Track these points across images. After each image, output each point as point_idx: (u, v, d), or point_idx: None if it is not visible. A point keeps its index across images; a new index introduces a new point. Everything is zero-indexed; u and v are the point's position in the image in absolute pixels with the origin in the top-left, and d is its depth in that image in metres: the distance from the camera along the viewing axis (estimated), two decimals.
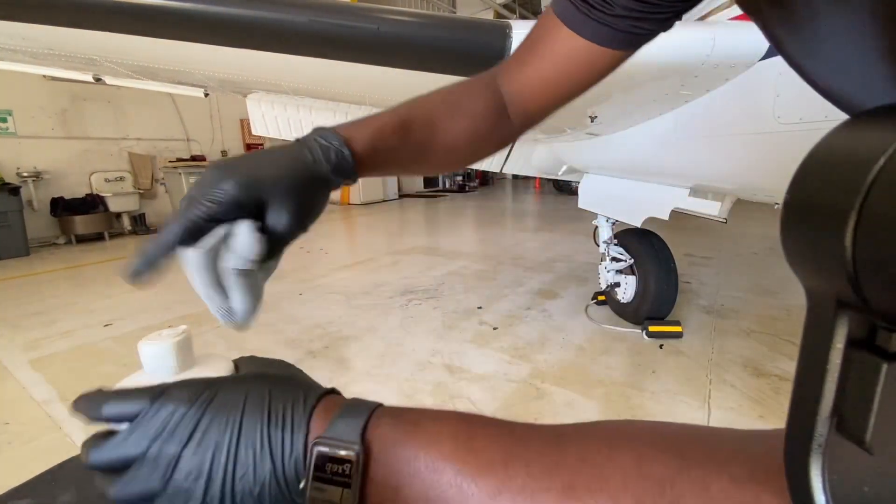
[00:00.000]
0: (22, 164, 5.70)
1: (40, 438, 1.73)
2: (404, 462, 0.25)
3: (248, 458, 0.25)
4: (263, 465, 0.25)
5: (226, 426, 0.26)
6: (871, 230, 0.14)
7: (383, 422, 0.27)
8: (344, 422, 0.27)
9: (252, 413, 0.27)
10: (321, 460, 0.25)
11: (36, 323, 2.99)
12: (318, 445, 0.26)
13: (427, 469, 0.25)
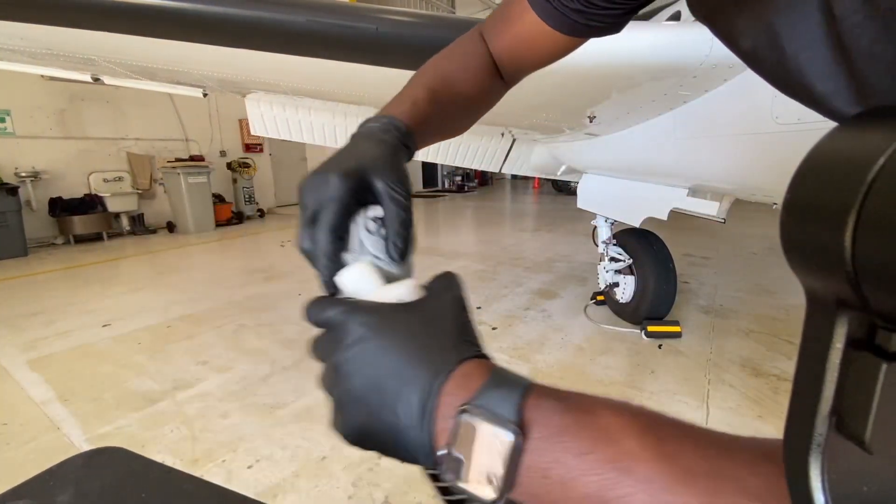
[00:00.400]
0: (20, 164, 5.69)
1: (39, 439, 1.73)
2: (575, 454, 0.23)
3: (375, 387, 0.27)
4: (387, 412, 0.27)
5: (372, 356, 0.28)
6: (871, 230, 0.14)
7: (545, 404, 0.25)
8: (496, 394, 0.25)
9: (397, 349, 0.28)
10: (467, 429, 0.24)
11: (34, 323, 2.98)
12: (467, 414, 0.24)
13: (607, 466, 0.22)
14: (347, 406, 0.29)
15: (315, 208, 0.33)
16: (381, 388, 0.27)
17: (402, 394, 0.27)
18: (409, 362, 0.27)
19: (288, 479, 1.47)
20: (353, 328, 0.29)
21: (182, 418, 1.83)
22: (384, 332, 0.28)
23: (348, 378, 0.29)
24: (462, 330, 0.30)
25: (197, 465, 1.55)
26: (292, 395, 1.98)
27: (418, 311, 0.30)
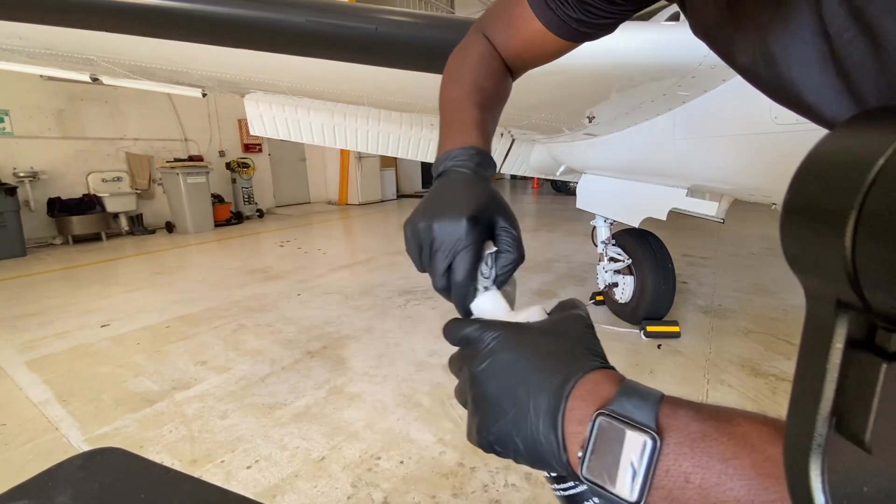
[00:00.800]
0: (18, 164, 5.67)
1: (37, 440, 1.72)
2: (718, 460, 0.23)
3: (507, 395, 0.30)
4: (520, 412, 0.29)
5: (506, 368, 0.31)
6: (871, 230, 0.14)
7: (681, 412, 0.26)
8: (630, 401, 0.26)
9: (528, 358, 0.30)
10: (605, 434, 0.25)
11: (32, 324, 2.97)
12: (604, 418, 0.25)
13: (751, 472, 0.22)
14: (482, 413, 0.31)
15: (452, 250, 0.38)
16: (513, 394, 0.30)
17: (534, 399, 0.29)
18: (539, 370, 0.29)
19: (287, 480, 1.47)
20: (487, 341, 0.32)
21: (181, 419, 1.83)
22: (515, 344, 0.31)
23: (483, 386, 0.31)
24: (588, 343, 0.32)
25: (195, 466, 1.55)
26: (291, 396, 1.97)
27: (546, 326, 0.33)
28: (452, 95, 0.50)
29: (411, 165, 11.69)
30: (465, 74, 0.50)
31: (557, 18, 0.44)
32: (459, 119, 0.47)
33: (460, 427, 1.72)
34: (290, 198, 9.47)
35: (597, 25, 0.44)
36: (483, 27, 0.52)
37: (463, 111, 0.47)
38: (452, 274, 0.38)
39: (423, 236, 0.39)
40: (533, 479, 1.44)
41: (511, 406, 0.30)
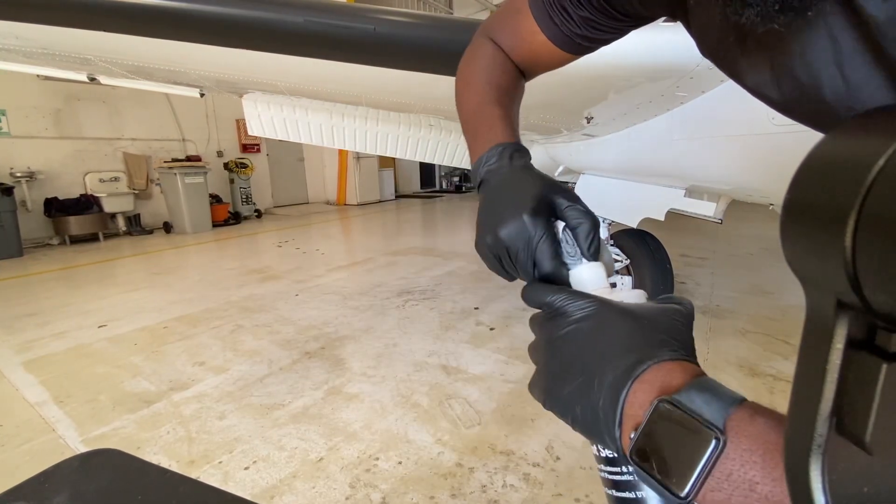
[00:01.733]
0: (15, 164, 5.66)
1: (34, 440, 1.72)
2: None
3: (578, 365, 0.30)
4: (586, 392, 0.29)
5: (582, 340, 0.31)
6: (871, 230, 0.14)
7: (760, 419, 0.24)
8: (701, 396, 0.25)
9: (600, 336, 0.30)
10: (664, 421, 0.24)
11: (29, 324, 2.96)
12: (665, 405, 0.25)
13: None
14: (552, 375, 0.32)
15: (529, 250, 0.38)
16: (585, 364, 0.30)
17: (602, 373, 0.29)
18: (615, 347, 0.29)
19: (285, 481, 1.46)
20: (572, 310, 0.32)
21: (178, 419, 1.82)
22: (600, 317, 0.31)
23: (558, 350, 0.32)
24: (676, 334, 0.31)
25: (193, 467, 1.54)
26: (289, 396, 1.97)
27: (637, 309, 0.32)
28: (471, 101, 0.50)
29: (410, 166, 11.69)
30: (479, 77, 0.51)
31: (561, 34, 0.44)
32: (482, 122, 0.47)
33: (458, 428, 1.72)
34: (288, 198, 9.46)
35: (600, 40, 0.45)
36: (489, 32, 0.52)
37: (484, 113, 0.47)
38: (539, 268, 0.38)
39: (497, 250, 0.39)
40: (531, 479, 1.44)
41: (579, 374, 0.30)
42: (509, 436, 1.66)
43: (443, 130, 3.08)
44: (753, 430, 0.23)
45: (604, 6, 0.41)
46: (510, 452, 1.57)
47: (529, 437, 1.66)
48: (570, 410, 0.31)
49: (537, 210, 0.38)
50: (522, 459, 1.54)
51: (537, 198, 0.39)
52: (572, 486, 1.41)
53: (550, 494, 1.38)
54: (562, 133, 2.42)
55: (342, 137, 2.95)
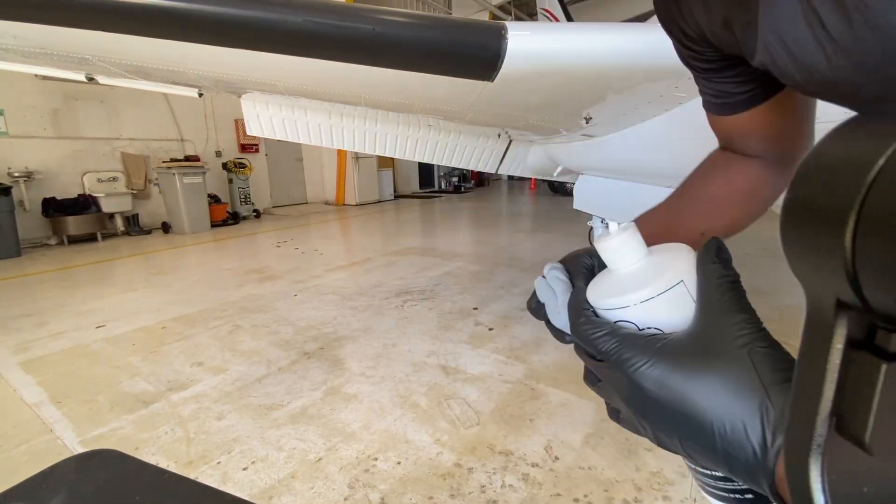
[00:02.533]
0: (13, 164, 5.64)
1: (31, 441, 1.71)
2: None
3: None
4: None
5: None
6: (871, 230, 0.14)
7: None
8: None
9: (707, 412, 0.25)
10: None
11: (27, 324, 2.95)
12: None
13: None
14: (652, 426, 0.28)
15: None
16: (695, 425, 0.25)
17: (722, 451, 0.24)
18: (723, 426, 0.24)
19: (283, 481, 1.46)
20: (641, 372, 0.27)
21: (177, 420, 1.82)
22: (685, 394, 0.26)
23: (654, 420, 0.28)
24: (774, 365, 0.25)
25: (191, 467, 1.54)
26: (288, 397, 1.97)
27: (716, 343, 0.27)
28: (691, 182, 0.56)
29: (409, 166, 11.69)
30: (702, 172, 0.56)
31: (724, 104, 0.47)
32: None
33: (457, 428, 1.72)
34: (287, 198, 9.46)
35: (740, 82, 0.44)
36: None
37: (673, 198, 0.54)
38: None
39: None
40: (530, 479, 1.44)
41: (695, 434, 0.25)
42: (508, 436, 1.66)
43: (441, 131, 3.08)
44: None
45: (724, 59, 0.42)
46: (509, 452, 1.57)
47: (528, 437, 1.66)
48: (694, 457, 0.27)
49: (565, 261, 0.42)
50: (521, 460, 1.54)
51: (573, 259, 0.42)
52: (571, 487, 1.41)
53: (549, 495, 1.38)
54: (561, 133, 2.42)
55: (341, 137, 2.95)
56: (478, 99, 1.83)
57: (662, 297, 0.29)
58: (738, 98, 0.45)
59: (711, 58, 0.43)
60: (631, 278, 0.31)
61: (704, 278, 0.29)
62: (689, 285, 0.30)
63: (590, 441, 1.62)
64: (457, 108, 2.12)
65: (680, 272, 0.30)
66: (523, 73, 1.49)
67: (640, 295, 0.30)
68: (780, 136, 0.49)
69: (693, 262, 0.30)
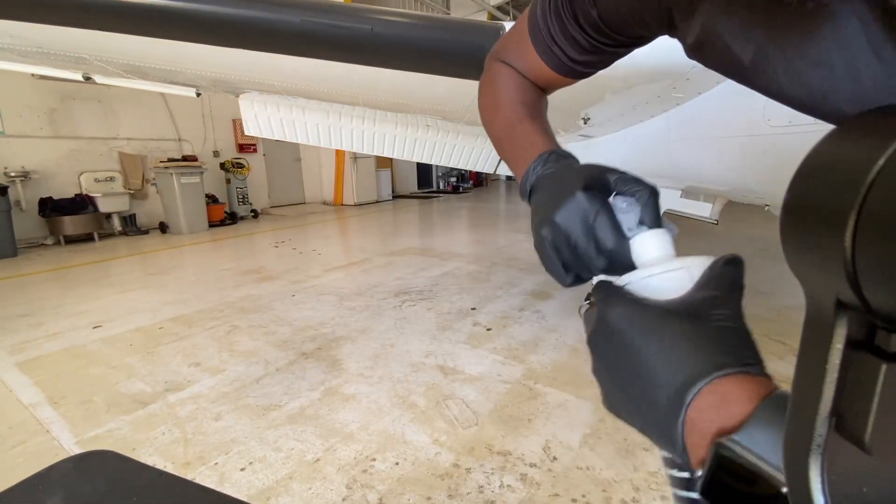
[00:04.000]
0: (9, 163, 5.62)
1: (28, 442, 1.70)
2: None
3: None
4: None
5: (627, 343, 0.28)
6: (871, 230, 0.14)
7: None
8: (763, 433, 0.21)
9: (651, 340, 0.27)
10: (724, 471, 0.21)
11: (23, 325, 2.94)
12: (723, 450, 0.21)
13: None
14: (601, 384, 0.31)
15: (586, 228, 0.36)
16: (625, 382, 0.28)
17: (649, 396, 0.26)
18: (658, 363, 0.26)
19: (281, 482, 1.46)
20: (611, 316, 0.29)
21: (174, 421, 1.81)
22: (640, 324, 0.28)
23: (599, 360, 0.30)
24: (726, 336, 0.26)
25: (189, 468, 1.54)
26: (285, 397, 1.96)
27: (681, 306, 0.28)
28: (501, 121, 0.51)
29: (407, 166, 11.69)
30: (504, 97, 0.51)
31: (563, 65, 0.46)
32: (519, 138, 0.48)
33: (455, 428, 1.72)
34: (285, 198, 9.44)
35: (601, 63, 0.46)
36: (501, 56, 0.53)
37: (518, 129, 0.48)
38: (602, 245, 0.35)
39: (556, 239, 0.37)
40: (528, 480, 1.44)
41: (630, 387, 0.28)
42: (506, 436, 1.66)
43: (440, 131, 3.08)
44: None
45: (604, 30, 0.41)
46: (507, 453, 1.57)
47: (526, 437, 1.66)
48: (631, 423, 0.29)
49: (590, 186, 0.36)
50: (519, 460, 1.54)
51: (589, 177, 0.37)
52: (569, 487, 1.41)
53: (547, 495, 1.38)
54: (559, 134, 2.43)
55: (339, 137, 2.95)
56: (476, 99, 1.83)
57: (665, 276, 0.32)
58: (593, 69, 0.47)
59: (624, 32, 0.42)
60: (646, 265, 0.34)
61: (711, 269, 0.31)
62: (694, 275, 0.32)
63: (588, 441, 1.63)
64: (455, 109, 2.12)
65: (689, 263, 0.32)
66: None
67: (644, 272, 0.33)
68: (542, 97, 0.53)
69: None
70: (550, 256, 0.37)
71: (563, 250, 0.37)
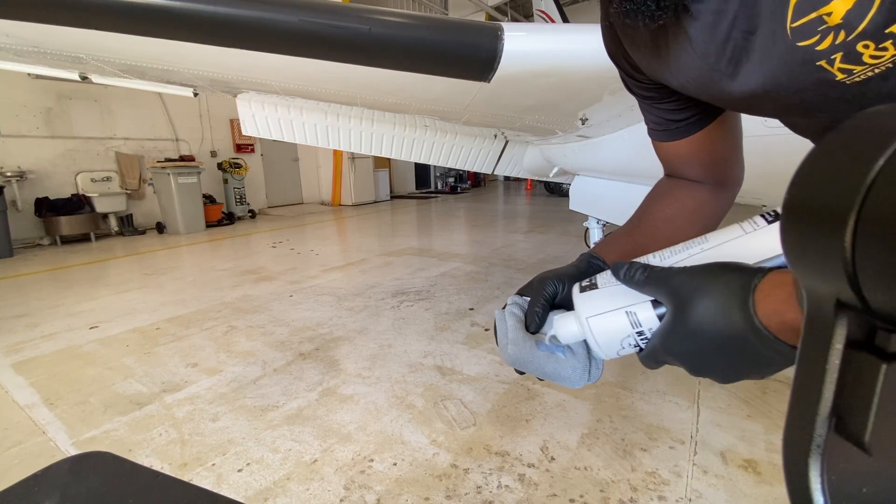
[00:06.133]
0: (5, 163, 5.59)
1: (23, 443, 1.70)
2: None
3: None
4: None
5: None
6: (871, 231, 0.14)
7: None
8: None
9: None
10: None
11: (19, 325, 2.93)
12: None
13: None
14: (686, 356, 0.35)
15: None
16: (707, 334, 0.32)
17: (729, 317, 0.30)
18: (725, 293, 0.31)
19: (279, 483, 1.45)
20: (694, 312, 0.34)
21: (171, 421, 1.81)
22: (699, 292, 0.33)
23: (684, 340, 0.34)
24: (736, 265, 0.33)
25: (186, 470, 1.53)
26: (283, 398, 1.96)
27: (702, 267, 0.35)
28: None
29: (405, 166, 11.69)
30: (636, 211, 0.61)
31: (668, 132, 0.54)
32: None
33: (453, 428, 1.72)
34: (282, 198, 9.43)
35: (681, 109, 0.52)
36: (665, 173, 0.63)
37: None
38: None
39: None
40: (526, 480, 1.44)
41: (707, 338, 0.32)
42: (504, 436, 1.66)
43: (438, 131, 3.08)
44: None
45: (661, 88, 0.51)
46: (505, 453, 1.57)
47: (524, 437, 1.66)
48: (719, 370, 0.34)
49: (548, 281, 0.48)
50: (517, 460, 1.54)
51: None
52: (567, 487, 1.41)
53: (545, 495, 1.38)
54: (557, 134, 2.43)
55: (337, 138, 2.94)
56: (474, 100, 1.83)
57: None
58: (678, 125, 0.53)
59: (650, 86, 0.52)
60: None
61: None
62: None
63: (585, 441, 1.63)
64: (453, 109, 2.12)
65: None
66: (519, 74, 1.49)
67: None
68: (715, 161, 0.57)
69: None
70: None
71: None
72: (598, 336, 0.39)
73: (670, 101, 0.51)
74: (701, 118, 0.52)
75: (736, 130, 0.57)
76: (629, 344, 0.39)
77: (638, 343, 0.38)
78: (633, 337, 0.38)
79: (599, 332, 0.39)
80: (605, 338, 0.39)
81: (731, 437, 1.63)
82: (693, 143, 0.54)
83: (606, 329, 0.39)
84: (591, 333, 0.40)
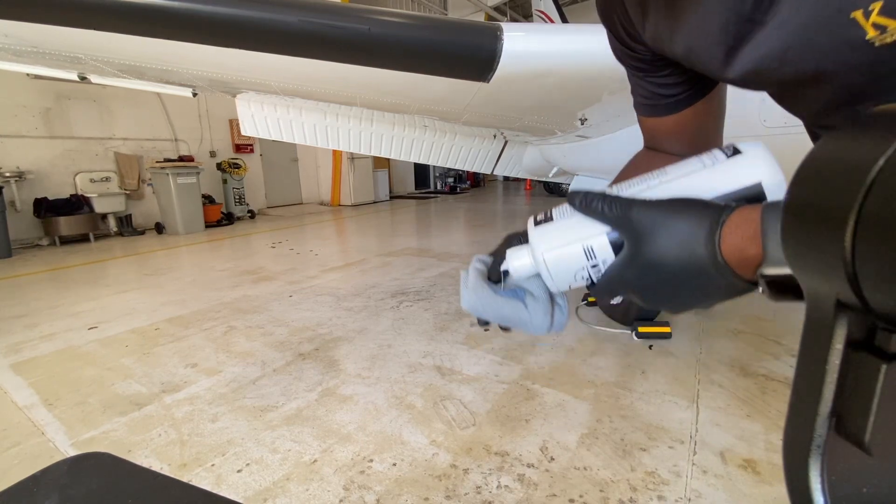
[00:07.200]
0: (4, 163, 5.59)
1: (22, 444, 1.69)
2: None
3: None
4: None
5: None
6: (871, 231, 0.14)
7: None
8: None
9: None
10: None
11: (18, 326, 2.92)
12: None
13: None
14: (641, 285, 0.36)
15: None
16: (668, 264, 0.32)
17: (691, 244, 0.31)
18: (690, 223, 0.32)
19: (278, 483, 1.45)
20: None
21: (170, 422, 1.81)
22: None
23: (643, 267, 0.35)
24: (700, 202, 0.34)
25: (185, 470, 1.53)
26: (283, 398, 1.96)
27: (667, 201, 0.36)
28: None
29: (404, 166, 11.69)
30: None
31: (656, 107, 0.53)
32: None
33: (453, 429, 1.72)
34: (281, 199, 9.42)
35: (671, 84, 0.51)
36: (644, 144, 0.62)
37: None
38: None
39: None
40: (526, 480, 1.44)
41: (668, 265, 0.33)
42: (504, 437, 1.66)
43: (437, 132, 3.08)
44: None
45: (656, 59, 0.49)
46: (505, 453, 1.57)
47: (524, 437, 1.66)
48: (675, 300, 0.35)
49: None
50: (517, 460, 1.54)
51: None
52: (566, 487, 1.41)
53: (545, 495, 1.38)
54: (556, 134, 2.43)
55: (336, 138, 2.94)
56: (474, 100, 1.83)
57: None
58: (667, 101, 0.52)
59: (644, 57, 0.49)
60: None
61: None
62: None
63: (585, 441, 1.63)
64: (453, 109, 2.12)
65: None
66: (519, 74, 1.49)
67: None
68: (697, 137, 0.56)
69: None
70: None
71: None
72: (552, 269, 0.40)
73: (662, 75, 0.50)
74: (691, 95, 0.51)
75: (721, 109, 0.57)
76: (582, 277, 0.39)
77: (591, 275, 0.39)
78: (588, 269, 0.38)
79: (553, 265, 0.39)
80: (559, 270, 0.39)
81: (730, 437, 1.63)
82: (679, 119, 0.53)
83: (560, 262, 0.39)
84: (545, 266, 0.40)
